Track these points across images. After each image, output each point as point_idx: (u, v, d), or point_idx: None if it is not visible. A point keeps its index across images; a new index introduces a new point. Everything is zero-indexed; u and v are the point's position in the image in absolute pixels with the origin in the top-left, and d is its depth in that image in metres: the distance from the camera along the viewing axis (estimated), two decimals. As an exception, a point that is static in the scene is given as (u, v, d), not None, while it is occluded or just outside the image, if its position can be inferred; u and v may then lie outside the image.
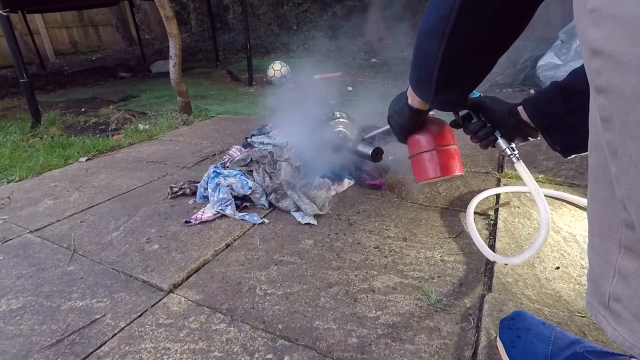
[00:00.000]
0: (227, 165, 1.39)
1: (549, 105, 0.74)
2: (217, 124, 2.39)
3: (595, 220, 0.41)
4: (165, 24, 2.31)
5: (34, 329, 0.77)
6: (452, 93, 0.71)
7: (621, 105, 0.31)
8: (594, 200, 0.41)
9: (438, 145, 0.95)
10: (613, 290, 0.39)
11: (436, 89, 0.69)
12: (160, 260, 0.98)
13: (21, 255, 1.04)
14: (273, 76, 3.73)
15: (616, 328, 0.39)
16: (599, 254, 0.41)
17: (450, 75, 0.66)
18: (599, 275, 0.41)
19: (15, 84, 4.44)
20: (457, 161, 0.97)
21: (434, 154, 0.95)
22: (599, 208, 0.40)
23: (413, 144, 0.99)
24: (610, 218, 0.38)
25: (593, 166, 0.40)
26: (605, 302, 0.40)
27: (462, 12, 0.56)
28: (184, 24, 7.87)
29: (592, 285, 0.43)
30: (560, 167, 1.37)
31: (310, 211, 1.13)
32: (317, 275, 0.89)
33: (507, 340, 0.63)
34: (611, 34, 0.30)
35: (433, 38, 0.62)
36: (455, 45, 0.60)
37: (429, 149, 0.95)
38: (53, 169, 1.72)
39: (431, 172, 0.96)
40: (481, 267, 0.88)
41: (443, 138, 0.96)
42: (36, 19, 7.21)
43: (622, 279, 0.38)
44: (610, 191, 0.36)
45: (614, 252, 0.38)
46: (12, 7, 2.68)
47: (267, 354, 0.68)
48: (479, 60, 0.64)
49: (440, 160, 0.95)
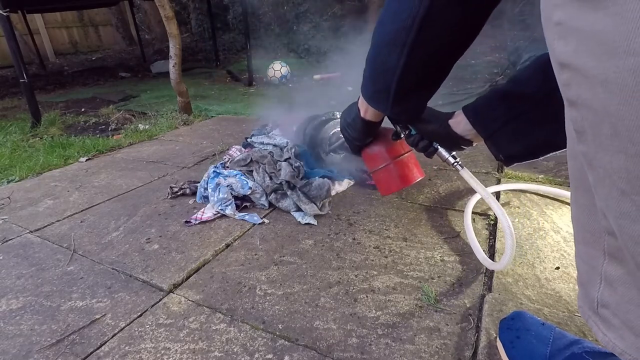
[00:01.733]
0: (227, 165, 1.39)
1: (492, 112, 0.71)
2: (217, 124, 2.39)
3: (579, 227, 0.41)
4: (165, 24, 2.31)
5: (34, 329, 0.77)
6: (411, 102, 0.71)
7: (592, 118, 0.30)
8: (576, 207, 0.40)
9: (392, 158, 0.95)
10: (601, 296, 0.38)
11: (394, 100, 0.68)
12: (160, 260, 0.98)
13: (21, 255, 1.04)
14: (273, 76, 3.73)
15: (606, 334, 0.38)
16: (585, 261, 0.40)
17: (410, 85, 0.65)
18: (587, 282, 0.41)
19: (15, 84, 4.44)
20: (414, 168, 0.98)
21: (391, 168, 0.96)
22: (582, 215, 0.39)
23: (369, 160, 1.00)
24: (593, 225, 0.37)
25: (572, 174, 0.39)
26: (594, 308, 0.40)
27: (424, 22, 0.54)
28: (184, 24, 7.86)
29: (582, 291, 0.42)
30: (560, 168, 1.37)
31: (310, 211, 1.13)
32: (317, 275, 0.89)
33: (506, 341, 0.63)
34: (577, 48, 0.29)
35: (392, 50, 0.60)
36: (417, 56, 0.59)
37: (385, 164, 0.96)
38: (53, 169, 1.72)
39: (393, 186, 0.99)
40: (481, 267, 0.88)
41: (395, 149, 0.96)
42: (36, 19, 7.21)
43: (608, 286, 0.37)
44: (591, 199, 0.36)
45: (598, 259, 0.38)
46: (12, 7, 2.68)
47: (267, 354, 0.68)
48: (438, 68, 0.64)
49: (398, 173, 0.96)
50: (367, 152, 0.99)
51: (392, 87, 0.65)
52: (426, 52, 0.59)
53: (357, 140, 0.96)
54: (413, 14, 0.54)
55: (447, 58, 0.62)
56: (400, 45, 0.59)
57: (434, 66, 0.63)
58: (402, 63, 0.60)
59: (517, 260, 0.90)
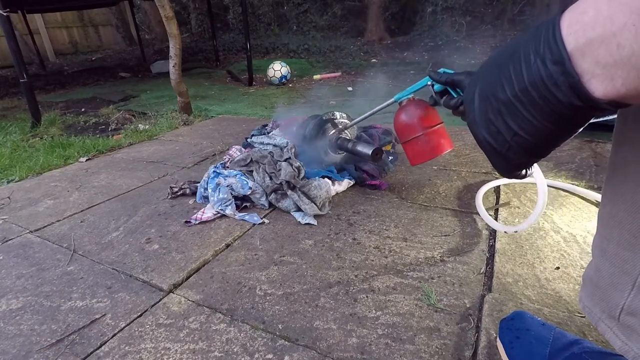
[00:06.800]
0: (227, 165, 1.39)
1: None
2: (217, 124, 2.39)
3: (614, 226, 0.37)
4: (165, 24, 2.31)
5: (34, 329, 0.77)
6: None
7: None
8: (616, 203, 0.36)
9: (426, 128, 0.97)
10: (629, 303, 0.35)
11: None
12: (160, 260, 0.98)
13: (21, 255, 1.04)
14: (273, 76, 3.73)
15: (627, 342, 0.36)
16: (615, 263, 0.37)
17: None
18: (610, 285, 0.37)
19: (15, 84, 4.44)
20: (447, 139, 1.00)
21: (425, 138, 0.98)
22: (622, 212, 0.35)
23: (403, 130, 1.01)
24: (638, 225, 0.34)
25: (618, 163, 0.35)
26: (614, 313, 0.37)
27: None
28: (184, 24, 7.87)
29: (597, 292, 0.39)
30: (561, 168, 1.37)
31: (310, 211, 1.13)
32: (317, 275, 0.89)
33: (506, 341, 0.63)
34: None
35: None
36: None
37: (420, 133, 0.97)
38: (53, 169, 1.72)
39: (426, 155, 0.99)
40: (481, 267, 0.88)
41: (429, 119, 0.98)
42: (36, 19, 7.20)
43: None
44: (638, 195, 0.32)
45: (636, 264, 0.34)
46: (12, 7, 2.68)
47: (267, 354, 0.68)
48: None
49: (432, 143, 0.98)
50: (400, 121, 1.00)
51: None
52: None
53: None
54: None
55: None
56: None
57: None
58: None
59: (517, 260, 0.90)
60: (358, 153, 1.30)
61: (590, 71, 0.25)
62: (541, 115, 0.30)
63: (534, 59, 0.28)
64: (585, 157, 1.46)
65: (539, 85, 0.28)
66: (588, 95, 0.26)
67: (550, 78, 0.28)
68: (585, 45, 0.25)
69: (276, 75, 3.72)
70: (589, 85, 0.26)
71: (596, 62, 0.25)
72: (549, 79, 0.28)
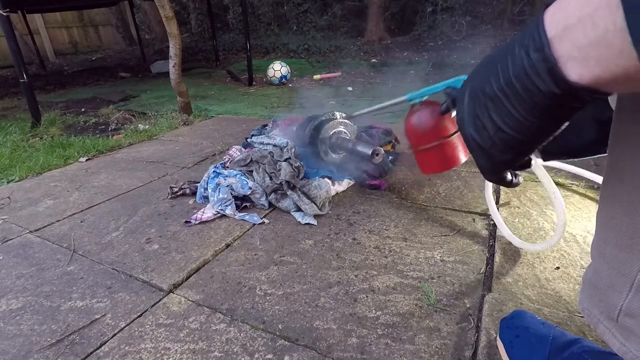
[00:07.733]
0: (227, 165, 1.39)
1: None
2: (217, 124, 2.39)
3: (612, 227, 0.37)
4: (165, 24, 2.31)
5: (34, 329, 0.77)
6: None
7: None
8: (613, 204, 0.36)
9: (443, 137, 0.87)
10: (627, 305, 0.35)
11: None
12: (160, 260, 0.98)
13: (21, 255, 1.04)
14: (273, 76, 3.73)
15: (625, 344, 0.36)
16: (613, 265, 0.37)
17: None
18: (609, 286, 0.37)
19: (15, 84, 4.44)
20: (462, 149, 0.90)
21: (440, 148, 0.88)
22: (620, 214, 0.35)
23: (417, 137, 0.91)
24: (635, 227, 0.34)
25: (615, 164, 0.35)
26: (612, 315, 0.37)
27: None
28: (184, 24, 7.87)
29: (595, 294, 0.39)
30: (561, 168, 1.36)
31: (310, 211, 1.13)
32: (317, 275, 0.89)
33: (506, 340, 0.63)
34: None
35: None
36: None
37: (435, 143, 0.88)
38: (53, 169, 1.72)
39: (442, 166, 0.90)
40: (481, 267, 0.88)
41: (445, 127, 0.87)
42: (36, 19, 7.20)
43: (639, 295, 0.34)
44: (638, 195, 0.32)
45: (633, 265, 0.34)
46: (12, 7, 2.68)
47: (267, 354, 0.68)
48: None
49: (448, 154, 0.89)
50: (413, 128, 0.89)
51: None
52: None
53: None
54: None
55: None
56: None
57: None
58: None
59: (516, 260, 0.90)
60: (358, 153, 1.30)
61: (567, 54, 0.25)
62: (523, 108, 0.30)
63: (518, 50, 0.29)
64: (585, 158, 1.46)
65: (522, 76, 0.28)
66: (565, 80, 0.26)
67: (532, 67, 0.28)
68: (564, 29, 0.25)
69: (276, 75, 3.72)
70: (565, 68, 0.26)
71: (572, 44, 0.25)
72: (530, 68, 0.28)
